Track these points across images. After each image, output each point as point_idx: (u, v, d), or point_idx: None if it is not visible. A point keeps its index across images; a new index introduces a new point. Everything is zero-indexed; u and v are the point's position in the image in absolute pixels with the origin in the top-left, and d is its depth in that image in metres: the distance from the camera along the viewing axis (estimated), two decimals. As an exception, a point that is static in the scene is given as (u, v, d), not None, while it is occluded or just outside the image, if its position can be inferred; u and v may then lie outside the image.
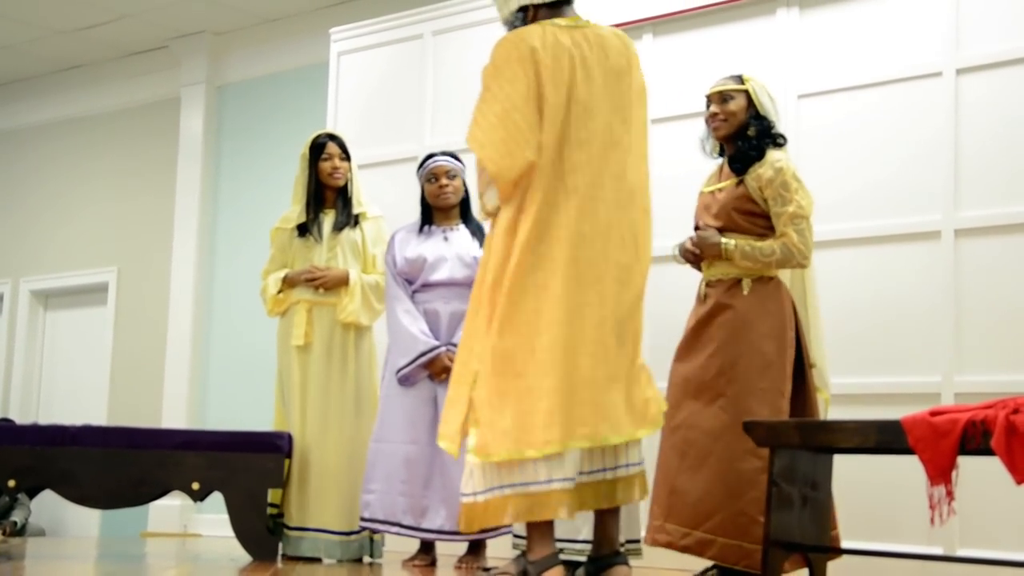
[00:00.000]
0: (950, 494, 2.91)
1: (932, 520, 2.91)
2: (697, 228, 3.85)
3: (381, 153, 5.79)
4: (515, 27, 3.31)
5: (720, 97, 3.82)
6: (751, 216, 3.70)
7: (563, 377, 3.07)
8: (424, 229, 4.45)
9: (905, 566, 3.89)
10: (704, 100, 3.89)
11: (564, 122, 3.18)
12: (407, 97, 5.81)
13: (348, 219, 4.67)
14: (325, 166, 4.66)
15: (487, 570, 3.19)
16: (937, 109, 4.35)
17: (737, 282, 3.70)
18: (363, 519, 4.27)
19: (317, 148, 4.68)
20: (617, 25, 5.10)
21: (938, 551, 3.87)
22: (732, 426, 3.55)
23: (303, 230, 4.66)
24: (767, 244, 3.65)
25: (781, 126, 3.87)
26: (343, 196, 4.70)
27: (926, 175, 4.34)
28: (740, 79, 3.84)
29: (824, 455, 3.35)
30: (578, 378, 3.09)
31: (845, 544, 3.55)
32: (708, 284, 3.78)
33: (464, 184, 4.47)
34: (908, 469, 3.25)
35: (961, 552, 3.93)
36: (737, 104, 3.79)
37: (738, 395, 3.61)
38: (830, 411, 3.88)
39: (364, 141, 5.59)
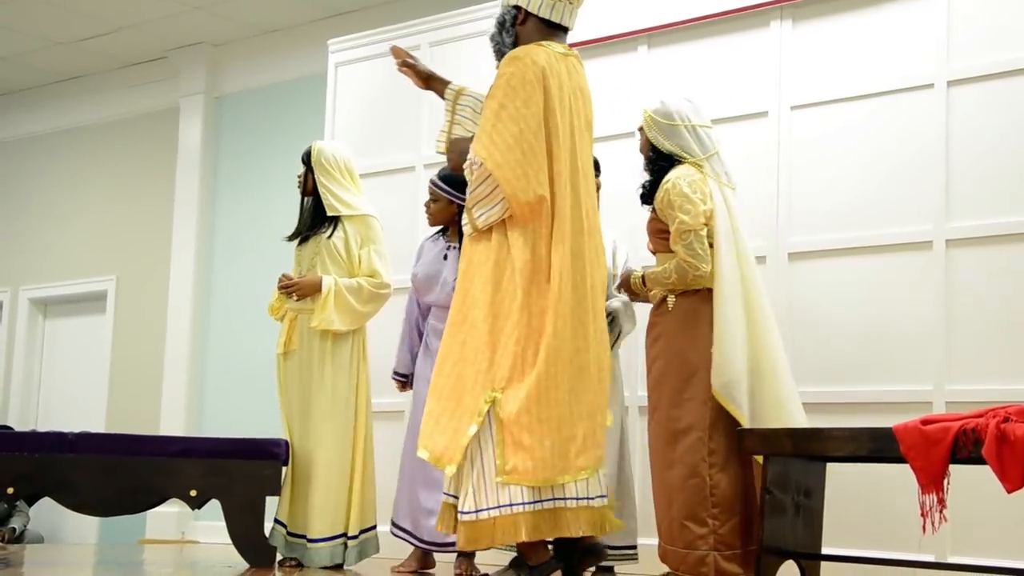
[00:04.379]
0: (942, 502, 2.94)
1: (924, 528, 2.93)
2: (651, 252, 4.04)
3: (378, 163, 5.82)
4: (503, 24, 3.36)
5: (638, 134, 4.03)
6: (664, 235, 3.84)
7: (587, 403, 3.19)
8: (435, 239, 4.53)
9: (897, 573, 3.92)
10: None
11: (571, 152, 3.26)
12: (404, 108, 5.84)
13: (312, 227, 4.70)
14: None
15: (484, 576, 3.22)
16: (929, 120, 4.38)
17: (664, 300, 3.86)
18: (395, 524, 4.45)
19: None
20: (612, 37, 5.17)
21: (930, 558, 3.89)
22: (664, 436, 3.75)
23: (293, 238, 4.79)
24: (664, 267, 3.80)
25: (683, 138, 3.87)
26: (319, 205, 4.73)
27: (918, 186, 4.38)
28: (643, 114, 3.98)
29: (817, 463, 3.38)
30: (596, 404, 3.23)
31: (837, 551, 3.58)
32: (652, 303, 3.96)
33: (455, 205, 4.43)
34: (900, 477, 3.28)
35: (952, 559, 3.95)
36: (642, 139, 3.99)
37: (667, 406, 3.75)
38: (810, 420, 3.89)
39: (362, 151, 5.62)
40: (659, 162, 3.89)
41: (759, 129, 4.76)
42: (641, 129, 3.99)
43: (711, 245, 3.73)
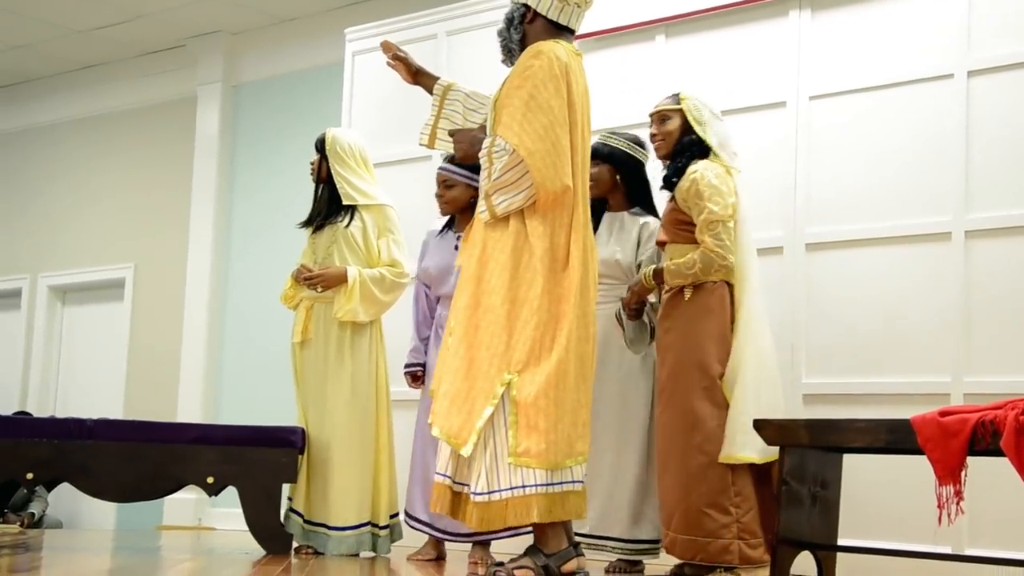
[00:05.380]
0: (959, 494, 2.93)
1: (940, 519, 2.93)
2: (657, 242, 4.04)
3: (395, 152, 5.82)
4: (512, 21, 3.41)
5: (659, 117, 4.01)
6: (685, 225, 3.87)
7: (586, 392, 3.25)
8: (443, 233, 4.52)
9: (913, 565, 3.91)
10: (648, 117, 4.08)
11: (583, 146, 3.32)
12: (421, 97, 5.77)
13: (331, 215, 4.69)
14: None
15: (499, 564, 3.22)
16: (948, 111, 4.36)
17: (680, 291, 3.85)
18: (406, 515, 4.46)
19: None
20: (629, 26, 5.16)
21: (946, 550, 3.88)
22: (680, 425, 3.77)
23: (306, 225, 4.79)
24: (688, 258, 3.80)
25: (712, 138, 3.93)
26: (333, 192, 4.72)
27: (937, 176, 4.35)
28: (677, 98, 3.99)
29: (834, 454, 3.37)
30: (590, 394, 3.30)
31: (853, 543, 3.57)
32: (663, 294, 3.96)
33: (473, 189, 4.42)
34: (917, 468, 3.27)
35: (969, 551, 3.95)
36: (673, 124, 3.96)
37: (683, 395, 3.77)
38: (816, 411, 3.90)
39: (378, 140, 5.62)
40: (690, 149, 3.89)
41: (777, 119, 4.74)
42: (666, 115, 3.96)
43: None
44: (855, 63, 4.62)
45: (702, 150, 3.91)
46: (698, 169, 3.82)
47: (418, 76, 3.85)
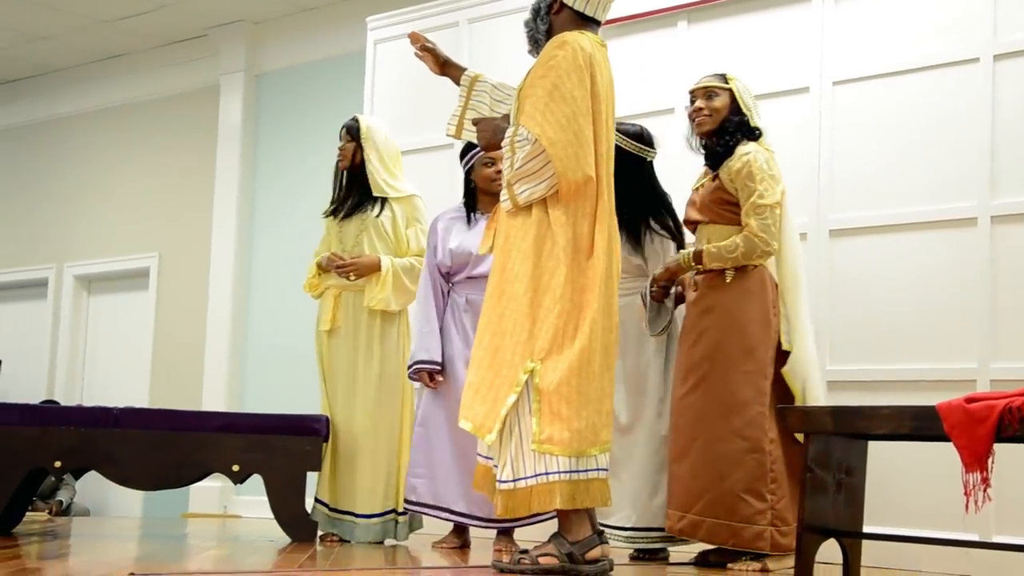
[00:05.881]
0: (986, 480, 2.91)
1: (967, 507, 2.91)
2: (686, 222, 4.04)
3: (418, 140, 5.82)
4: (538, 11, 3.42)
5: (705, 93, 3.97)
6: (728, 205, 3.85)
7: (609, 381, 3.26)
8: (470, 218, 4.45)
9: (940, 552, 3.90)
10: (688, 96, 4.03)
11: (608, 136, 3.32)
12: (443, 85, 5.78)
13: (360, 204, 4.68)
14: (337, 150, 4.74)
15: (524, 552, 3.23)
16: (974, 95, 4.32)
17: (721, 271, 3.83)
18: (409, 502, 4.33)
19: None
20: (652, 13, 5.14)
21: (974, 537, 3.86)
22: (717, 408, 3.74)
23: (331, 213, 4.76)
24: (730, 241, 3.78)
25: (759, 120, 3.96)
26: (360, 180, 4.72)
27: (962, 162, 4.32)
28: (724, 78, 3.97)
29: (859, 441, 3.36)
30: (613, 384, 3.31)
31: (879, 530, 3.56)
32: (697, 273, 3.92)
33: None
34: (943, 455, 3.25)
35: (997, 539, 3.93)
36: (721, 101, 3.94)
37: (722, 378, 3.74)
38: (831, 398, 3.90)
39: (401, 128, 5.63)
40: (740, 129, 3.87)
41: (801, 105, 4.71)
42: (713, 91, 3.93)
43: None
44: (879, 48, 4.58)
45: (749, 132, 3.88)
46: (750, 151, 3.81)
47: (445, 67, 3.85)
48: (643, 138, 4.24)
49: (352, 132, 4.72)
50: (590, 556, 3.19)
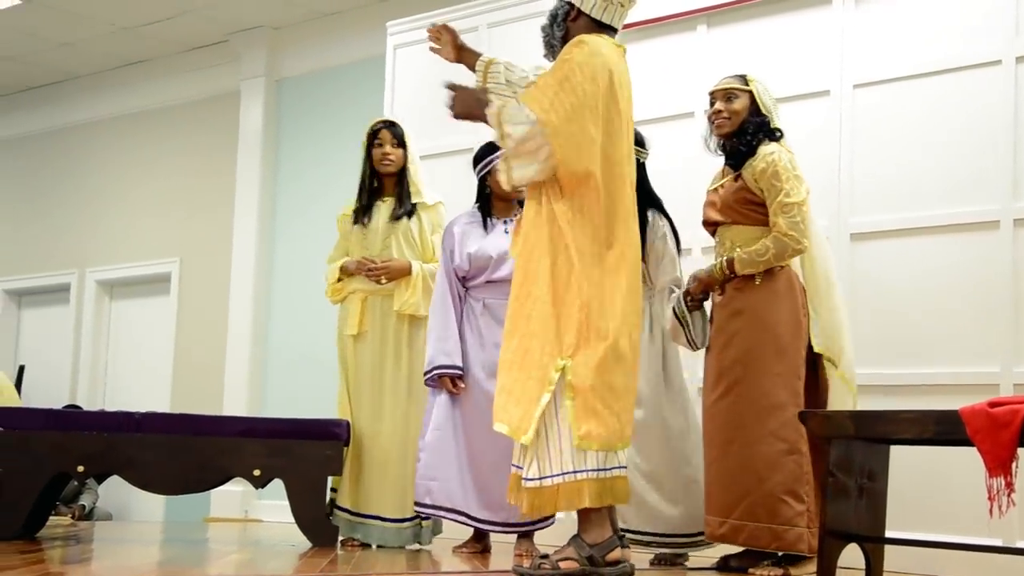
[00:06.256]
0: (1010, 485, 2.89)
1: (991, 512, 2.89)
2: (705, 224, 4.02)
3: (437, 145, 5.83)
4: (555, 17, 3.43)
5: (725, 95, 3.96)
6: (752, 205, 3.83)
7: (634, 377, 3.27)
8: (486, 223, 4.45)
9: (963, 558, 3.87)
10: (708, 98, 4.00)
11: (628, 136, 3.33)
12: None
13: (403, 208, 4.70)
14: (377, 153, 4.72)
15: (544, 557, 3.23)
16: (996, 97, 4.29)
17: (750, 275, 3.79)
18: (423, 505, 4.29)
19: (372, 135, 4.75)
20: (671, 16, 5.13)
21: (997, 543, 3.83)
22: (752, 411, 3.72)
23: (357, 217, 4.73)
24: (760, 244, 3.77)
25: (779, 122, 3.95)
26: (400, 184, 4.74)
27: (984, 164, 4.30)
28: (744, 79, 3.96)
29: (881, 446, 3.34)
30: (635, 381, 3.31)
31: (902, 535, 3.54)
32: (727, 280, 3.88)
33: None
34: (966, 460, 3.24)
35: (1021, 544, 3.90)
36: (741, 103, 3.92)
37: (756, 380, 3.72)
38: (858, 401, 3.86)
39: (421, 133, 5.63)
40: (762, 130, 3.86)
41: (821, 108, 4.70)
42: (733, 93, 3.92)
43: None
44: (899, 50, 4.57)
45: (770, 133, 3.88)
46: (774, 151, 3.80)
47: (461, 52, 3.76)
48: (640, 141, 4.23)
49: (399, 137, 4.73)
50: (610, 558, 3.18)
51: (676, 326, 4.00)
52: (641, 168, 4.25)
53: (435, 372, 4.30)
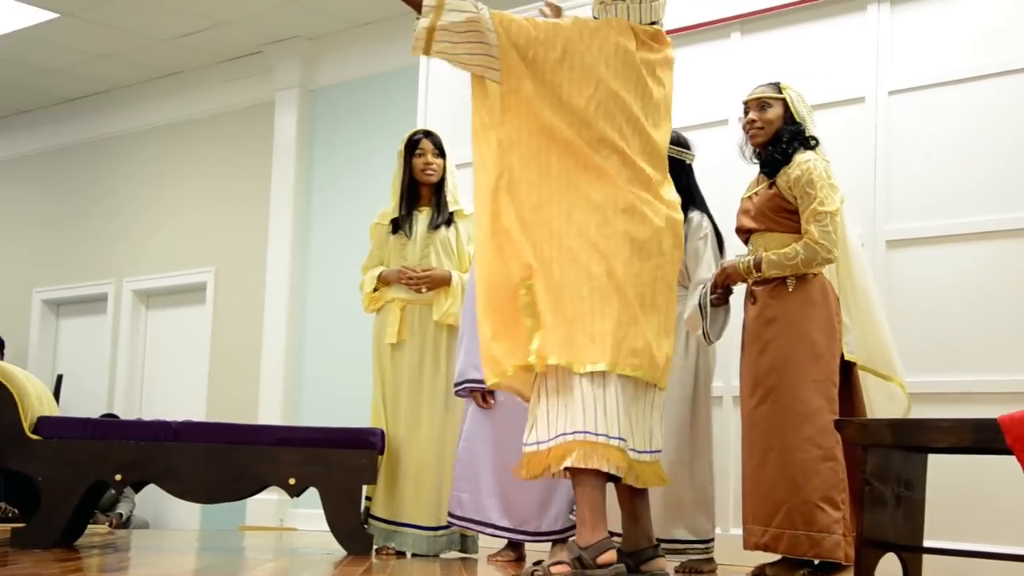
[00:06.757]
0: (1049, 495, 2.87)
1: (1030, 521, 2.87)
2: (738, 231, 4.01)
3: (470, 154, 5.82)
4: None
5: (758, 104, 3.94)
6: (786, 213, 3.82)
7: (621, 309, 3.18)
8: None
9: (1002, 568, 3.82)
10: (742, 107, 3.99)
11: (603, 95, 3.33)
12: (496, 98, 5.84)
13: (442, 217, 4.71)
14: (418, 162, 4.73)
15: (538, 563, 3.23)
16: (1034, 103, 4.26)
17: (782, 281, 3.80)
18: (454, 516, 4.30)
19: (412, 144, 4.75)
20: (705, 24, 5.12)
21: (1037, 553, 3.79)
22: (788, 418, 3.70)
23: (396, 226, 4.74)
24: (790, 248, 3.75)
25: (815, 130, 3.92)
26: (438, 194, 4.75)
27: (1020, 171, 4.26)
28: (778, 87, 3.94)
29: (918, 454, 3.31)
30: (634, 317, 3.21)
31: (940, 544, 3.51)
32: (755, 284, 3.88)
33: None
34: (1006, 468, 3.20)
35: (1061, 554, 3.85)
36: (774, 112, 3.91)
37: (792, 387, 3.70)
38: (911, 407, 3.83)
39: (454, 143, 5.63)
40: (797, 138, 3.85)
41: (856, 115, 4.68)
42: (766, 102, 3.91)
43: None
44: (936, 56, 4.54)
45: (805, 141, 3.87)
46: (810, 159, 3.79)
47: None
48: (680, 142, 4.22)
49: (439, 146, 4.75)
50: (602, 560, 3.15)
51: (696, 316, 4.02)
52: (689, 169, 4.25)
53: (465, 385, 4.28)
